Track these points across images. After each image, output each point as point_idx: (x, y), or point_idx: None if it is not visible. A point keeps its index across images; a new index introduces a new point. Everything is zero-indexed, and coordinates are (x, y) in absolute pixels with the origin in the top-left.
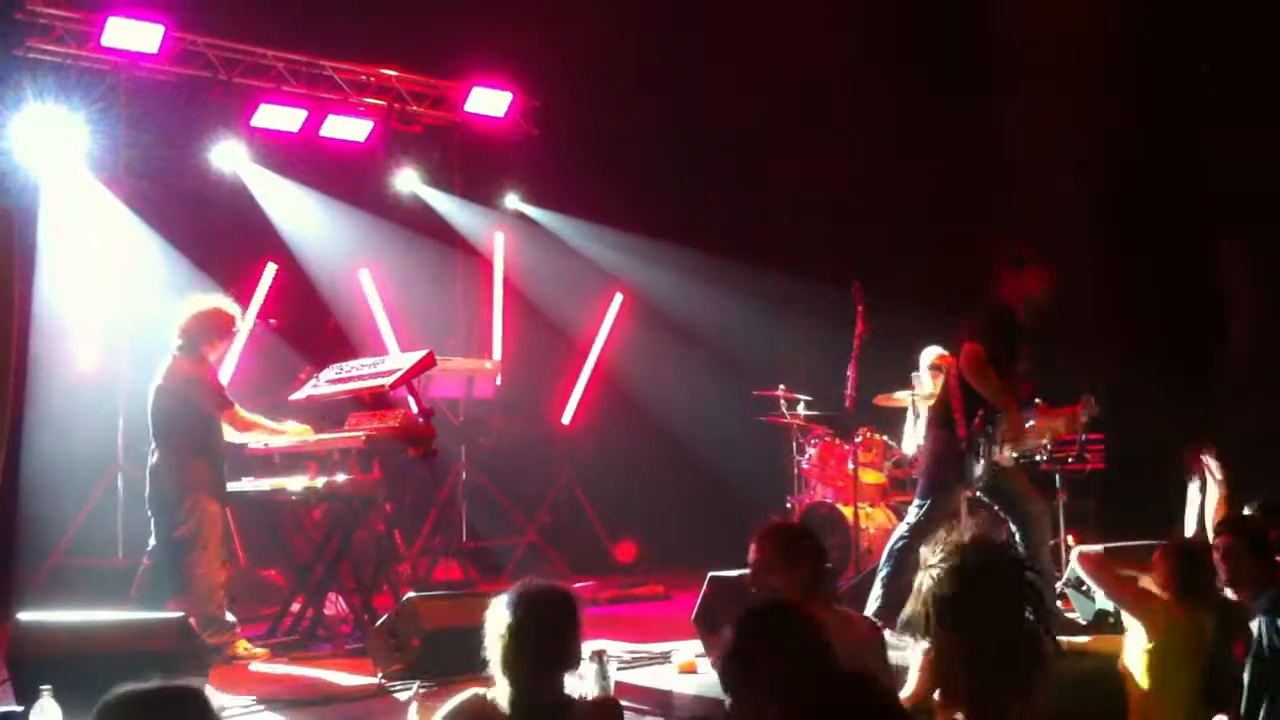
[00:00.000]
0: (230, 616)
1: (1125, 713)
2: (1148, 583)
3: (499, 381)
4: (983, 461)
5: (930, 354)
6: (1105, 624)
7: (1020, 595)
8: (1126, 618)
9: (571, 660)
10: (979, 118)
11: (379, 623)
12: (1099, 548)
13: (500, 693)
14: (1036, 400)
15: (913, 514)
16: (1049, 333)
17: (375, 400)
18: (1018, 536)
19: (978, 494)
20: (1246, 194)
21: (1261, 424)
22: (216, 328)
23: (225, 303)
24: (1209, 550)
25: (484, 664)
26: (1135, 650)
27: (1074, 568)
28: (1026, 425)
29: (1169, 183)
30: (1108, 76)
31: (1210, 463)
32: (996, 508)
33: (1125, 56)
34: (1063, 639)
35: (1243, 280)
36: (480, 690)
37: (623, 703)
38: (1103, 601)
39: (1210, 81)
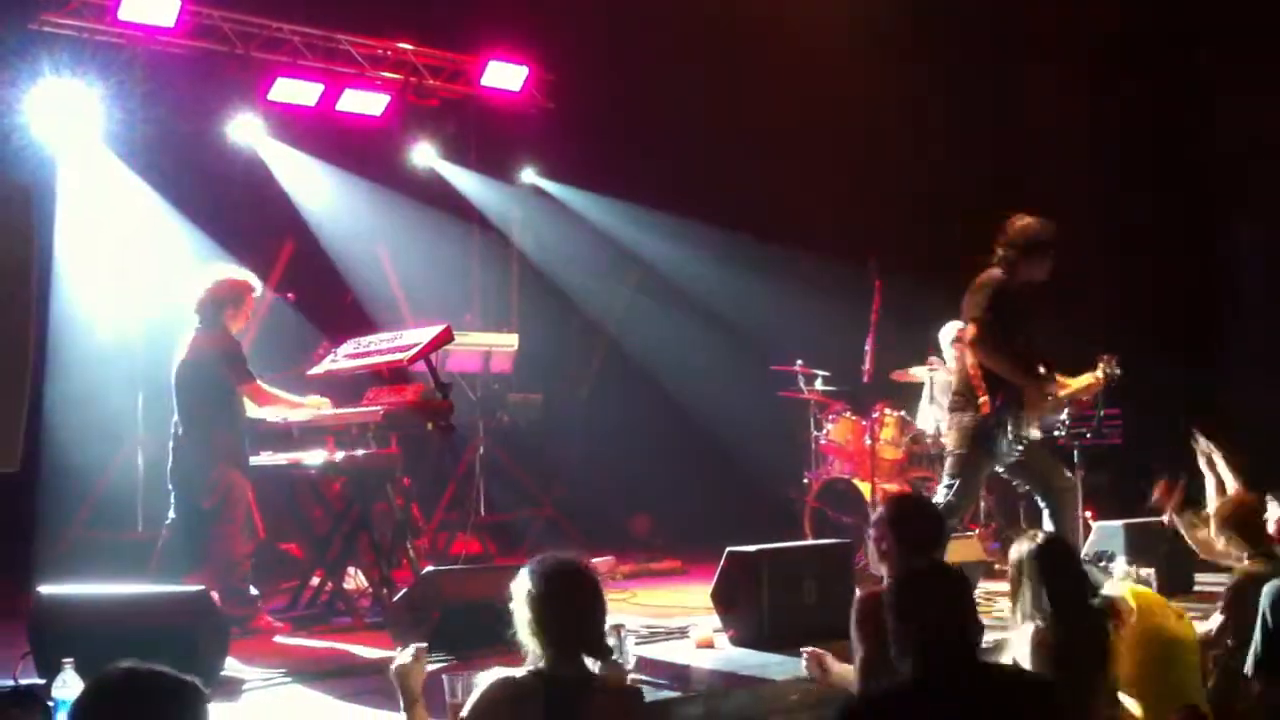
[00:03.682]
0: (254, 590)
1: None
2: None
3: (516, 356)
4: (1010, 437)
5: (950, 329)
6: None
7: None
8: None
9: (597, 634)
10: (994, 89)
11: (398, 596)
12: None
13: (529, 668)
14: (1055, 374)
15: (942, 493)
16: (1060, 304)
17: (393, 375)
18: (1046, 513)
19: (1004, 472)
20: (1260, 168)
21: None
22: (232, 298)
23: (236, 271)
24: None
25: (502, 638)
26: None
27: (1093, 542)
28: (1049, 396)
29: (1183, 157)
30: (1117, 48)
31: (1201, 445)
32: (1017, 483)
33: (1134, 27)
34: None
35: (1257, 254)
36: (507, 671)
37: (641, 677)
38: (1121, 575)
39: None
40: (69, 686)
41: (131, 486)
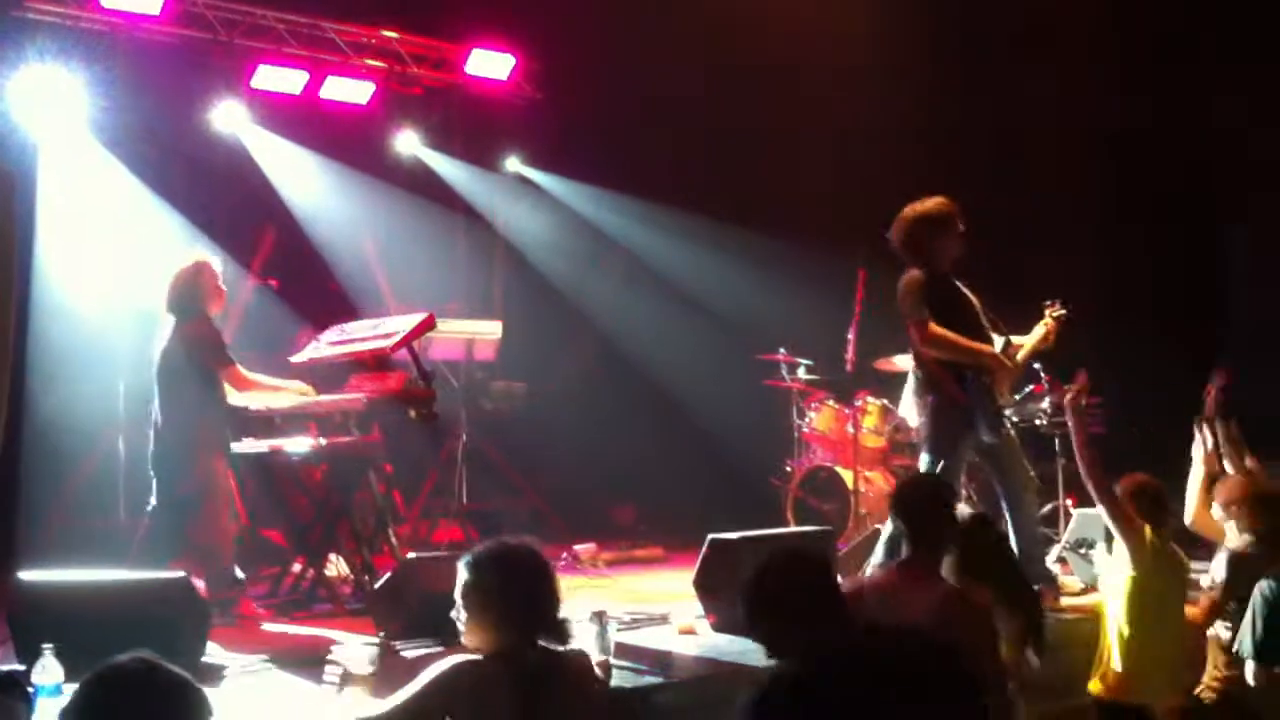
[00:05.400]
0: (239, 573)
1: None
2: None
3: (499, 345)
4: (989, 416)
5: None
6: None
7: None
8: (1116, 546)
9: (552, 616)
10: (983, 84)
11: (379, 583)
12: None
13: (488, 653)
14: (1010, 339)
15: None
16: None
17: (376, 362)
18: (1005, 505)
19: (977, 458)
20: (1253, 162)
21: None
22: (200, 283)
23: (198, 255)
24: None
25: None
26: (1118, 584)
27: (1073, 529)
28: (1011, 361)
29: (1174, 149)
30: (1111, 45)
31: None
32: (991, 475)
33: (1129, 24)
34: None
35: (1247, 246)
36: (463, 656)
37: (623, 663)
38: (1101, 564)
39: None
40: (48, 672)
41: (114, 473)
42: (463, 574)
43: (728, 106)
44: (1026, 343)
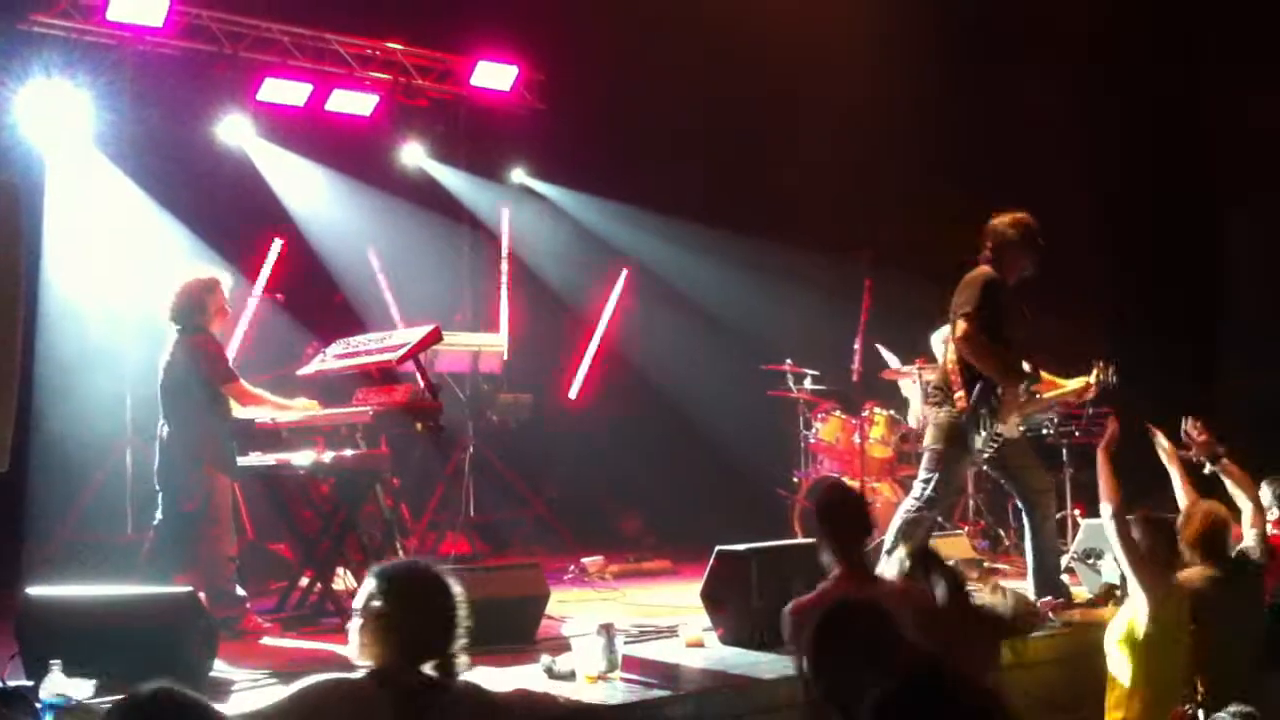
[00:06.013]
0: (240, 590)
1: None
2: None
3: (505, 357)
4: (984, 433)
5: (943, 332)
6: (1112, 597)
7: None
8: (1132, 586)
9: (442, 642)
10: (987, 86)
11: None
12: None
13: (368, 676)
14: (1040, 374)
15: (919, 488)
16: (1048, 299)
17: (382, 375)
18: (1024, 513)
19: (984, 468)
20: (1253, 163)
21: (1271, 397)
22: (201, 297)
23: (199, 270)
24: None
25: (489, 637)
26: (1128, 623)
27: (1081, 540)
28: (1029, 397)
29: (1175, 150)
30: (1112, 44)
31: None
32: (1002, 482)
33: (1130, 22)
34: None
35: (1248, 250)
36: (337, 675)
37: (631, 676)
38: (1109, 575)
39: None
40: (56, 687)
41: (120, 488)
42: (365, 584)
43: (731, 114)
44: (1062, 386)
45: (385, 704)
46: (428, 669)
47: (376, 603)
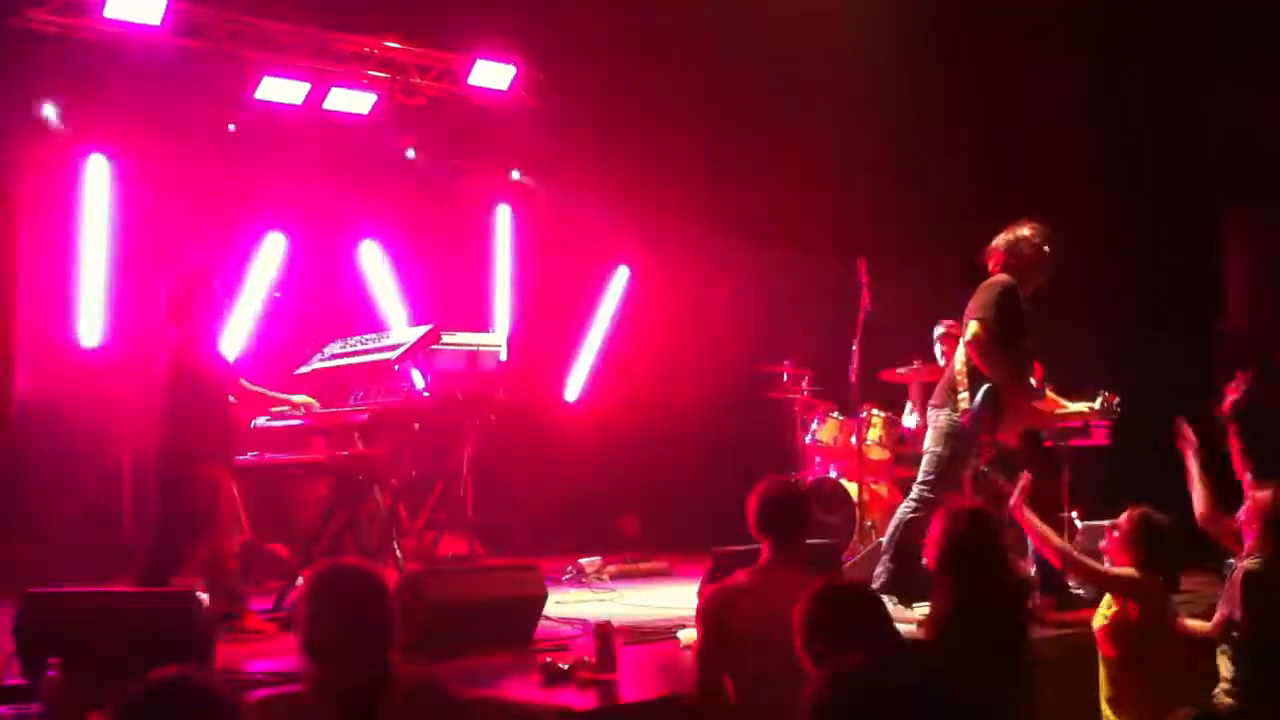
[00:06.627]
0: (241, 588)
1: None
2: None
3: (503, 356)
4: (985, 438)
5: (942, 327)
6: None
7: None
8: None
9: (375, 642)
10: (986, 87)
11: None
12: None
13: (309, 680)
14: (1047, 388)
15: (917, 489)
16: (1052, 307)
17: (380, 375)
18: None
19: (984, 469)
20: (1252, 167)
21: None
22: (196, 291)
23: (196, 266)
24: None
25: (488, 638)
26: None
27: (1079, 542)
28: (1031, 410)
29: (1175, 154)
30: (1113, 45)
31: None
32: (1002, 484)
33: (1130, 23)
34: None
35: (1247, 254)
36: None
37: (629, 677)
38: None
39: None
40: (55, 688)
41: (118, 487)
42: (301, 587)
43: (730, 115)
44: (1064, 406)
45: (329, 704)
46: (369, 668)
47: (307, 605)
